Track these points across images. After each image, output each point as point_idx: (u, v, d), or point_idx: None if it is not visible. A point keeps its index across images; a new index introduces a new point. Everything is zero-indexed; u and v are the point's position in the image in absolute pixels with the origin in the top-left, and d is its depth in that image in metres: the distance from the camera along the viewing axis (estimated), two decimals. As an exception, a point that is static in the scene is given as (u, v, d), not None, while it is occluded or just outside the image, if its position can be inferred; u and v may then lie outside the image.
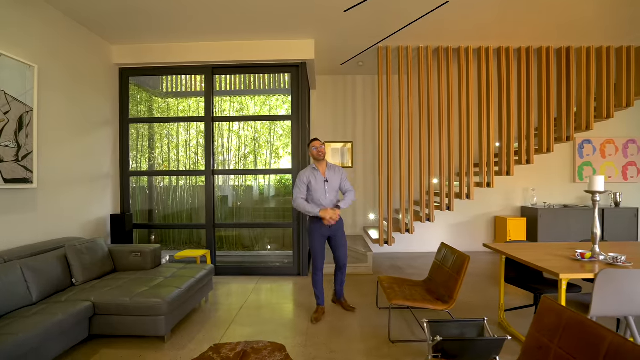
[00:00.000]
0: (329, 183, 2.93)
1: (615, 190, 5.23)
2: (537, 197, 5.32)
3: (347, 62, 4.77)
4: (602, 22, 3.61)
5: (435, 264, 2.94)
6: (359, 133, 5.47)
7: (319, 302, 2.99)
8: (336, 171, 3.00)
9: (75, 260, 2.81)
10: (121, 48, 4.12)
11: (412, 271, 4.36)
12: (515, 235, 4.94)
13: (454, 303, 2.43)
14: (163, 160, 4.97)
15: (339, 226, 2.97)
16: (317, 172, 2.94)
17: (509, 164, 4.24)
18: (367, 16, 3.45)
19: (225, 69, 4.23)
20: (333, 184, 2.95)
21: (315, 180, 2.92)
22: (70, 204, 3.42)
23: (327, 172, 2.96)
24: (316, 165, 2.96)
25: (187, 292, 2.73)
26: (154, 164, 4.90)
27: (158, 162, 4.97)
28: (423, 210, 4.29)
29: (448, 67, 4.25)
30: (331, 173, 2.97)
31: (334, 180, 2.96)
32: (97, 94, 3.84)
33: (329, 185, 2.92)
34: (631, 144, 5.30)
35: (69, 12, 3.30)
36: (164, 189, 4.96)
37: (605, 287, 1.91)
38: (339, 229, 2.98)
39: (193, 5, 3.26)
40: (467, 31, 3.83)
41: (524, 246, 2.74)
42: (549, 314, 1.54)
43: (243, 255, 5.33)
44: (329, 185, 2.92)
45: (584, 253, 2.25)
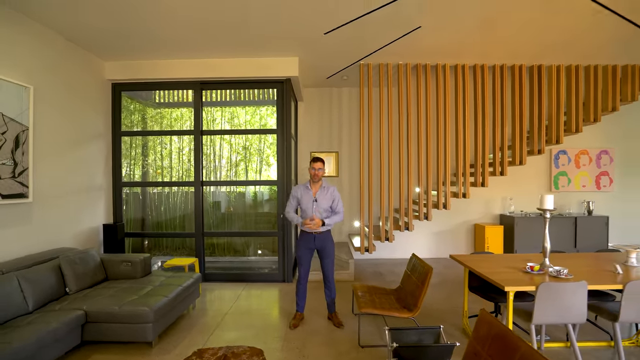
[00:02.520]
0: (317, 203, 3.08)
1: (588, 199, 5.48)
2: (515, 206, 5.56)
3: (332, 76, 4.99)
4: (572, 44, 3.82)
5: (405, 273, 3.15)
6: (344, 143, 5.69)
7: (297, 309, 3.20)
8: (328, 193, 3.13)
9: (69, 270, 3.00)
10: (113, 64, 4.31)
11: (392, 278, 4.57)
12: (493, 242, 5.17)
13: (418, 311, 2.64)
14: (156, 167, 5.16)
15: (325, 241, 3.13)
16: (308, 191, 3.12)
17: (484, 175, 4.47)
18: (347, 38, 3.66)
19: (213, 84, 4.43)
20: (322, 204, 3.08)
21: (305, 198, 3.11)
22: (64, 215, 3.60)
23: (318, 193, 3.10)
24: (310, 184, 3.14)
25: (174, 300, 2.93)
26: (147, 171, 5.09)
27: (151, 166, 5.17)
28: (402, 219, 4.51)
29: (426, 82, 4.46)
30: (322, 194, 3.11)
31: (324, 202, 3.09)
32: (90, 109, 4.03)
33: (317, 204, 3.07)
34: (604, 155, 5.55)
35: (63, 31, 3.46)
36: (156, 195, 5.16)
37: (545, 298, 2.14)
38: (325, 243, 3.13)
39: (183, 28, 3.45)
40: (444, 50, 4.05)
41: (485, 258, 2.97)
42: (484, 325, 1.76)
43: (232, 261, 5.53)
44: (317, 205, 3.07)
45: (533, 266, 2.48)
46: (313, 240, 3.10)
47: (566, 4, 2.97)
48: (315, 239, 3.10)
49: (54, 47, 3.47)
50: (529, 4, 3.00)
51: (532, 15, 3.19)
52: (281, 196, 4.38)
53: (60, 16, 3.16)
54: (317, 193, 3.11)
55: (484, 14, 3.20)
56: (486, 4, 3.01)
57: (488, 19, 3.27)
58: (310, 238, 3.10)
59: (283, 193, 4.36)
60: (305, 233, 3.11)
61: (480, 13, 3.17)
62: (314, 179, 3.11)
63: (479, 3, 2.99)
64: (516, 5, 3.01)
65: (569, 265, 2.62)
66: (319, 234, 3.11)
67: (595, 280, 2.28)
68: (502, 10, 3.11)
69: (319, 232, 3.10)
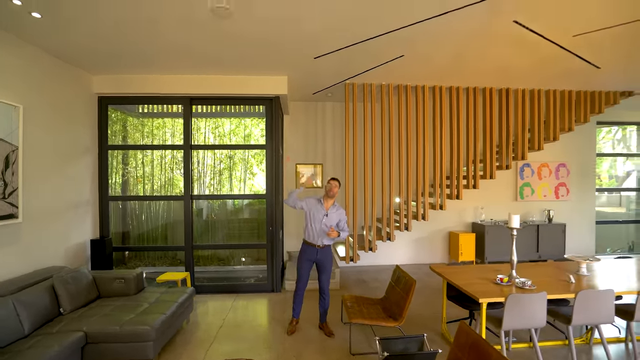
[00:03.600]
0: (328, 218, 3.30)
1: (549, 207, 6.05)
2: (486, 214, 6.03)
3: (318, 92, 5.20)
4: (535, 72, 4.26)
5: (390, 284, 3.42)
6: (328, 155, 5.92)
7: (293, 315, 3.44)
8: (338, 211, 3.38)
9: (63, 290, 3.01)
10: (101, 78, 4.28)
11: (376, 285, 4.86)
12: (466, 249, 5.59)
13: (403, 320, 2.91)
14: (136, 175, 5.11)
15: (326, 255, 3.37)
16: (321, 205, 3.34)
17: (459, 188, 4.85)
18: (335, 61, 3.87)
19: (203, 99, 4.51)
20: (331, 220, 3.31)
21: (317, 210, 3.31)
22: (53, 233, 3.58)
23: (330, 208, 3.34)
24: (324, 199, 3.36)
25: (171, 317, 3.03)
26: (127, 179, 5.06)
27: (131, 175, 5.14)
28: (384, 230, 4.81)
29: (407, 101, 4.79)
30: (333, 210, 3.34)
31: (333, 218, 3.33)
32: (77, 124, 3.99)
33: (327, 219, 3.30)
34: (562, 167, 6.16)
35: (50, 49, 3.44)
36: (137, 204, 5.14)
37: (512, 308, 2.47)
38: (326, 257, 3.37)
39: (172, 51, 3.53)
40: (423, 74, 4.37)
41: (461, 269, 3.30)
42: (463, 334, 2.04)
43: (218, 270, 5.61)
44: (327, 219, 3.30)
45: (502, 278, 2.82)
46: (316, 253, 3.33)
47: (528, 43, 3.35)
48: (318, 252, 3.33)
49: (41, 64, 3.44)
50: (495, 43, 3.36)
51: (499, 50, 3.56)
52: (270, 210, 4.53)
53: (52, 37, 3.16)
54: (329, 208, 3.33)
55: (458, 49, 3.54)
56: (460, 42, 3.35)
57: (461, 53, 3.62)
58: (314, 251, 3.33)
59: (272, 207, 4.52)
60: (309, 246, 3.34)
61: (455, 48, 3.51)
62: (329, 194, 3.32)
63: (454, 41, 3.32)
64: (485, 43, 3.37)
65: (532, 275, 3.00)
66: (322, 248, 3.33)
67: (553, 290, 2.64)
68: (473, 47, 3.46)
69: (323, 246, 3.32)
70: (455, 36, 3.22)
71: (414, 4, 2.64)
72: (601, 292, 2.56)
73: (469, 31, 3.12)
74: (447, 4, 2.65)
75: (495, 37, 3.26)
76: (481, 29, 3.07)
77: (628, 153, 7.01)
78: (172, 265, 5.88)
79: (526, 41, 3.32)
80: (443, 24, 2.95)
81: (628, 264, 3.50)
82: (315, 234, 3.30)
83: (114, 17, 2.83)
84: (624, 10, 2.75)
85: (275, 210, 4.52)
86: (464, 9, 2.71)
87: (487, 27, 3.04)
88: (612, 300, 2.58)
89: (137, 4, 2.64)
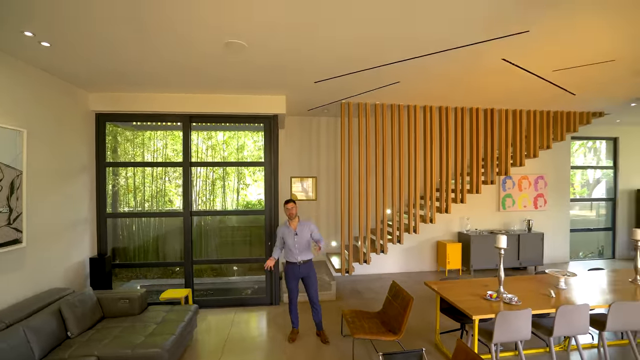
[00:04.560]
0: (299, 236, 3.60)
1: (528, 217, 6.46)
2: (471, 224, 6.37)
3: (314, 109, 5.37)
4: (518, 96, 4.58)
5: (387, 298, 3.63)
6: (322, 169, 6.09)
7: (293, 326, 3.74)
8: (306, 226, 3.66)
9: (70, 314, 3.04)
10: (98, 96, 4.28)
11: (371, 295, 5.07)
12: (453, 258, 5.90)
13: (402, 334, 3.12)
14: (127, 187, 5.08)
15: (308, 270, 3.66)
16: (288, 228, 3.64)
17: (447, 202, 5.14)
18: (333, 84, 4.05)
19: (202, 117, 4.59)
20: (303, 236, 3.62)
21: (287, 234, 3.63)
22: (54, 253, 3.58)
23: (298, 227, 3.63)
24: (289, 222, 3.66)
25: (180, 336, 3.12)
26: (117, 190, 5.04)
27: (122, 187, 5.12)
28: (378, 243, 5.03)
29: (399, 119, 5.02)
30: (301, 228, 3.64)
31: (304, 233, 3.63)
32: (76, 142, 3.99)
33: (298, 237, 3.60)
34: (540, 180, 6.59)
35: (48, 69, 3.41)
36: (144, 221, 5.15)
37: (502, 323, 2.72)
38: (309, 272, 3.66)
39: (179, 71, 3.60)
40: (415, 96, 4.61)
41: (452, 285, 3.54)
42: (461, 352, 2.26)
43: (214, 282, 5.67)
44: (298, 238, 3.60)
45: (492, 294, 3.08)
46: (298, 269, 3.62)
47: (514, 74, 3.64)
48: (300, 268, 3.62)
49: (40, 83, 3.41)
50: (484, 75, 3.63)
51: (487, 80, 3.84)
52: (269, 225, 4.66)
53: (55, 59, 3.17)
54: (297, 228, 3.63)
55: (450, 79, 3.79)
56: (452, 73, 3.60)
57: (452, 82, 3.88)
58: (296, 268, 3.63)
59: (271, 222, 4.65)
60: (291, 264, 3.63)
61: (447, 78, 3.77)
62: (291, 217, 3.65)
63: (447, 72, 3.56)
64: (475, 74, 3.63)
65: (517, 290, 3.29)
66: (303, 264, 3.63)
67: (537, 306, 2.92)
68: (464, 77, 3.72)
69: (303, 262, 3.62)
70: (448, 69, 3.47)
71: (411, 43, 2.85)
72: (578, 307, 2.86)
73: (461, 65, 3.37)
74: (443, 44, 2.88)
75: (485, 70, 3.53)
76: (472, 63, 3.33)
77: (597, 166, 7.56)
78: (164, 277, 5.90)
79: (512, 72, 3.61)
80: (438, 59, 3.19)
81: (600, 276, 3.86)
82: (294, 253, 3.59)
83: (124, 50, 2.90)
84: (595, 52, 3.07)
85: (273, 225, 4.65)
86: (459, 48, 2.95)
87: (477, 62, 3.30)
88: (587, 313, 2.88)
89: (150, 39, 2.73)
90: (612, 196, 7.32)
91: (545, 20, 2.48)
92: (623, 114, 5.75)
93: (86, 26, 2.49)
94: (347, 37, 2.74)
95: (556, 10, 2.34)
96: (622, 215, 7.21)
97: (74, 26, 2.49)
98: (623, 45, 2.94)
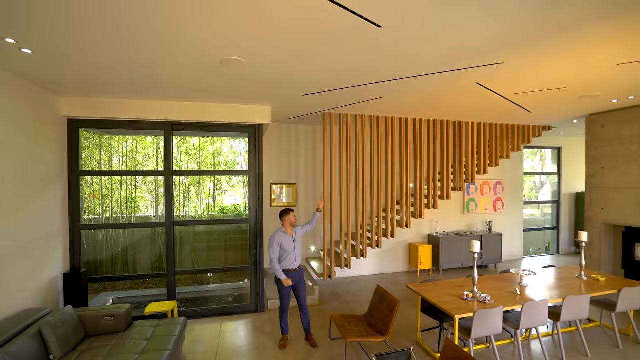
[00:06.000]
0: (297, 242, 3.77)
1: (489, 219, 7.10)
2: (440, 227, 6.87)
3: (295, 117, 5.47)
4: (484, 112, 5.06)
5: (373, 302, 3.86)
6: (301, 176, 6.22)
7: (283, 332, 3.83)
8: (298, 230, 3.85)
9: (52, 336, 2.88)
10: (71, 100, 4.04)
11: (349, 297, 5.30)
12: (425, 258, 6.33)
13: (389, 335, 3.36)
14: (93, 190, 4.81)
15: (301, 276, 3.79)
16: (287, 236, 3.73)
17: (421, 208, 5.52)
18: (319, 97, 4.20)
19: (184, 125, 4.50)
20: (299, 241, 3.81)
21: (286, 242, 3.71)
22: (23, 271, 3.33)
23: (294, 234, 3.78)
24: (286, 230, 3.75)
25: (174, 351, 3.09)
26: (89, 192, 4.80)
27: (87, 190, 4.87)
28: (358, 248, 5.27)
29: (378, 129, 5.30)
30: (295, 233, 3.81)
31: (299, 238, 3.83)
32: (45, 150, 3.71)
33: (297, 243, 3.77)
34: (499, 185, 7.27)
35: (20, 72, 3.17)
36: (115, 231, 4.90)
37: (479, 321, 3.06)
38: (301, 278, 3.80)
39: (165, 83, 3.54)
40: (392, 110, 4.92)
41: (431, 287, 3.86)
42: (449, 350, 2.53)
43: (192, 291, 5.57)
44: (297, 244, 3.77)
45: (468, 294, 3.43)
46: (294, 276, 3.72)
47: (482, 94, 4.06)
48: (295, 275, 3.74)
49: (5, 88, 3.11)
50: (458, 94, 4.00)
51: (459, 98, 4.23)
52: (253, 234, 4.70)
53: (29, 64, 2.97)
54: (293, 234, 3.79)
55: (425, 96, 4.12)
56: (429, 92, 3.92)
57: (429, 96, 4.21)
58: (292, 275, 3.71)
59: (255, 230, 4.69)
60: (287, 272, 3.70)
61: (424, 95, 4.09)
62: (294, 225, 3.80)
63: (425, 91, 3.88)
64: (449, 93, 3.99)
65: (488, 289, 3.68)
66: (298, 270, 3.77)
67: (506, 303, 3.31)
68: (438, 95, 4.07)
69: (297, 269, 3.77)
70: (428, 88, 3.78)
71: (398, 72, 3.10)
72: (539, 302, 3.29)
73: (440, 85, 3.69)
74: (428, 69, 3.16)
75: (459, 90, 3.90)
76: (450, 84, 3.66)
77: (544, 172, 8.51)
78: (135, 289, 5.65)
79: (481, 92, 4.01)
80: (420, 79, 3.48)
81: (551, 273, 4.42)
82: (292, 259, 3.72)
83: (105, 57, 2.82)
84: (551, 81, 3.55)
85: (257, 234, 4.69)
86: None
87: (454, 84, 3.64)
88: (546, 307, 3.32)
89: (141, 49, 2.69)
90: (557, 199, 8.27)
91: (516, 56, 2.85)
92: (567, 127, 6.56)
93: (70, 32, 2.34)
94: (339, 66, 2.93)
95: (525, 50, 2.71)
96: (565, 215, 8.18)
97: (59, 33, 2.34)
98: (572, 77, 3.44)
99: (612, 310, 3.72)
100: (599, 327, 4.19)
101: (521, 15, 2.14)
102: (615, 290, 3.73)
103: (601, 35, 2.47)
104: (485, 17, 2.16)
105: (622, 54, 2.83)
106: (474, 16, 2.15)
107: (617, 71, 3.27)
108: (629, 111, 4.89)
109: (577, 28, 2.34)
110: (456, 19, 2.18)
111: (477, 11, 2.09)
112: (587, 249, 5.48)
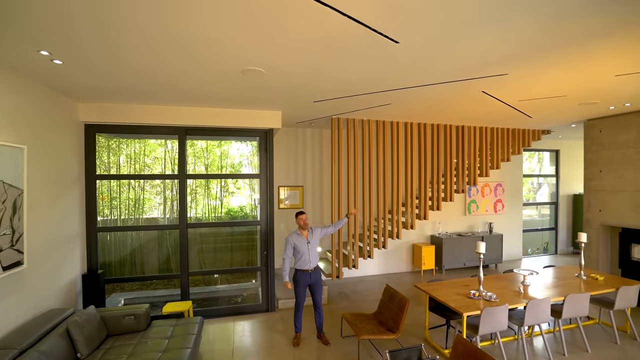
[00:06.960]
0: (311, 244, 3.87)
1: (490, 220, 7.29)
2: (442, 228, 7.04)
3: (303, 122, 5.62)
4: (483, 116, 5.24)
5: (382, 301, 4.01)
6: (308, 178, 6.36)
7: (296, 330, 3.95)
8: (314, 231, 3.95)
9: (79, 335, 3.00)
10: (88, 106, 4.15)
11: (356, 297, 5.45)
12: (428, 259, 6.50)
13: (400, 332, 3.51)
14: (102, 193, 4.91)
15: (317, 276, 3.93)
16: (301, 237, 3.85)
17: (425, 210, 5.68)
18: (330, 103, 4.35)
19: (198, 130, 4.62)
20: (314, 243, 3.91)
21: (299, 243, 3.83)
22: (48, 273, 3.45)
23: (308, 235, 3.89)
24: (300, 232, 3.87)
25: (194, 349, 3.21)
26: (99, 194, 4.91)
27: (100, 195, 4.99)
28: (365, 248, 5.42)
29: (384, 133, 5.46)
30: (311, 236, 3.90)
31: (315, 240, 3.92)
32: (66, 154, 3.83)
33: (311, 245, 3.87)
34: (499, 187, 7.46)
35: (48, 81, 3.31)
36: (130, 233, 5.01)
37: (486, 318, 3.22)
38: (317, 278, 3.93)
39: (171, 87, 3.63)
40: (398, 114, 5.07)
41: (439, 285, 4.02)
42: (460, 345, 2.69)
43: (203, 291, 5.69)
44: (311, 245, 3.87)
45: (475, 293, 3.59)
46: (309, 277, 3.86)
47: (485, 100, 4.23)
48: (311, 276, 3.87)
49: (34, 96, 3.25)
50: (463, 101, 4.17)
51: (463, 104, 4.40)
52: (264, 235, 4.83)
53: (57, 74, 3.09)
54: (308, 236, 3.89)
55: (432, 103, 4.28)
56: (436, 99, 4.08)
57: (436, 103, 4.38)
58: (307, 275, 3.86)
59: (266, 232, 4.83)
60: (303, 272, 3.84)
61: (431, 102, 4.25)
62: (305, 227, 3.89)
63: (432, 98, 4.04)
64: (455, 100, 4.16)
65: (493, 288, 3.84)
66: (314, 271, 3.88)
67: (511, 301, 3.48)
68: (445, 101, 4.23)
69: (313, 269, 3.87)
70: (435, 95, 3.94)
71: (408, 79, 3.25)
72: (543, 300, 3.46)
73: (447, 93, 3.85)
74: (439, 79, 3.32)
75: (465, 98, 4.06)
76: (455, 93, 3.83)
77: (542, 174, 8.73)
78: (142, 290, 5.75)
79: (485, 99, 4.18)
80: (428, 88, 3.64)
81: (552, 272, 4.60)
82: (306, 260, 3.83)
83: (135, 66, 2.95)
84: (552, 89, 3.72)
85: (268, 235, 4.83)
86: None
87: (461, 92, 3.80)
88: (549, 305, 3.49)
89: (168, 59, 2.82)
90: (555, 200, 8.49)
91: (523, 68, 3.01)
92: (565, 131, 6.76)
93: (101, 45, 2.46)
94: (354, 78, 3.11)
95: (532, 62, 2.88)
96: (562, 216, 8.39)
97: (92, 46, 2.48)
98: (573, 86, 3.62)
99: (610, 308, 3.90)
100: (598, 324, 4.37)
101: (533, 28, 2.27)
102: (614, 288, 3.91)
103: (604, 49, 2.63)
104: (499, 31, 2.29)
105: (620, 66, 3.01)
106: (489, 31, 2.30)
107: (615, 81, 3.45)
108: (626, 117, 5.09)
109: (583, 42, 2.49)
110: (472, 34, 2.33)
111: (494, 27, 2.23)
112: (585, 249, 5.68)
